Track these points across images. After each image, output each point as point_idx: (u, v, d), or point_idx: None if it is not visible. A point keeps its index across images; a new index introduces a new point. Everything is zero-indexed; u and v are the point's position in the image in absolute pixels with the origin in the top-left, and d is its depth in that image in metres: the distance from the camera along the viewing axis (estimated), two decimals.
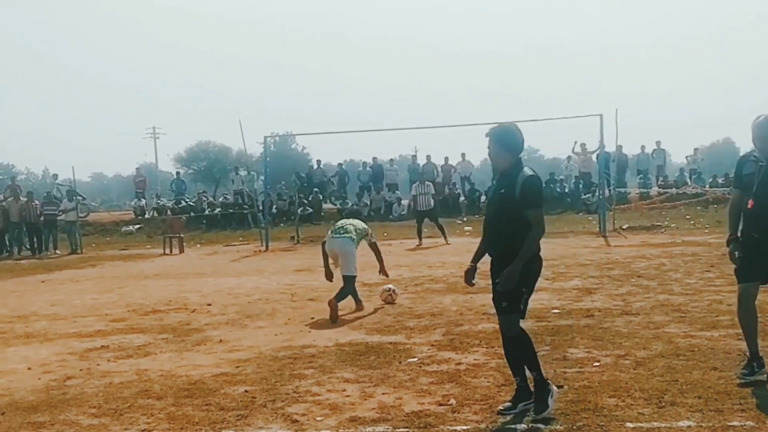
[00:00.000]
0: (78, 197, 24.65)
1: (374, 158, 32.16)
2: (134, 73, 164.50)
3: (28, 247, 23.80)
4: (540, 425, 4.49)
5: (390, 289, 9.94)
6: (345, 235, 9.36)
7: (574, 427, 4.42)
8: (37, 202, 24.00)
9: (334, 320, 8.54)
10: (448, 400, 5.09)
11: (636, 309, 8.32)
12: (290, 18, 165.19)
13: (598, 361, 6.02)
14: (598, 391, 5.11)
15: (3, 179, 44.22)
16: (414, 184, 20.45)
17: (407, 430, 4.54)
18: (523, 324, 7.08)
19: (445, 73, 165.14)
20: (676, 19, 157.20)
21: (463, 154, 31.26)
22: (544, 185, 27.74)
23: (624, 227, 21.07)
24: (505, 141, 4.86)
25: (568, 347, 6.57)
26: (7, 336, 8.72)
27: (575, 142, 29.46)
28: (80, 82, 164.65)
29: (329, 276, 9.52)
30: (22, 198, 24.04)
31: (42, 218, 23.58)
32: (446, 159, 30.56)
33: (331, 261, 9.54)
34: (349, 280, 9.21)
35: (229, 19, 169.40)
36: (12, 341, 8.40)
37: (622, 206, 24.53)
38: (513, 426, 4.52)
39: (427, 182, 20.10)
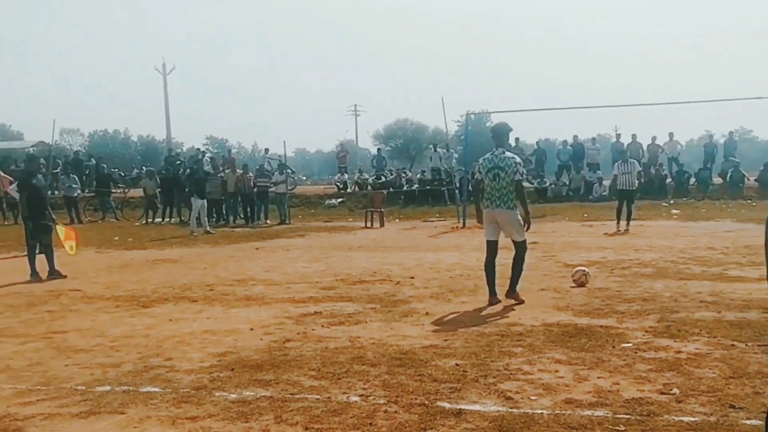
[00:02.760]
0: (288, 170, 25.95)
1: (575, 136, 31.30)
2: (334, 55, 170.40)
3: (242, 216, 25.46)
4: None
5: (584, 270, 9.64)
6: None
7: None
8: (251, 175, 25.57)
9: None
10: (671, 389, 4.83)
11: None
12: None
13: None
14: None
15: (219, 152, 47.40)
16: (617, 163, 19.60)
17: (628, 416, 4.36)
18: (747, 315, 6.70)
19: (649, 46, 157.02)
20: None
21: (671, 134, 29.68)
22: (762, 168, 25.63)
23: None
24: None
25: None
26: (229, 298, 9.36)
27: None
28: (284, 64, 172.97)
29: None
30: (237, 170, 25.72)
31: (255, 189, 25.10)
32: (653, 138, 29.12)
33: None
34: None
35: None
36: (234, 303, 9.00)
37: None
38: (746, 421, 4.20)
39: (631, 160, 19.17)
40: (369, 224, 21.77)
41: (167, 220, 26.35)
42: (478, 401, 4.77)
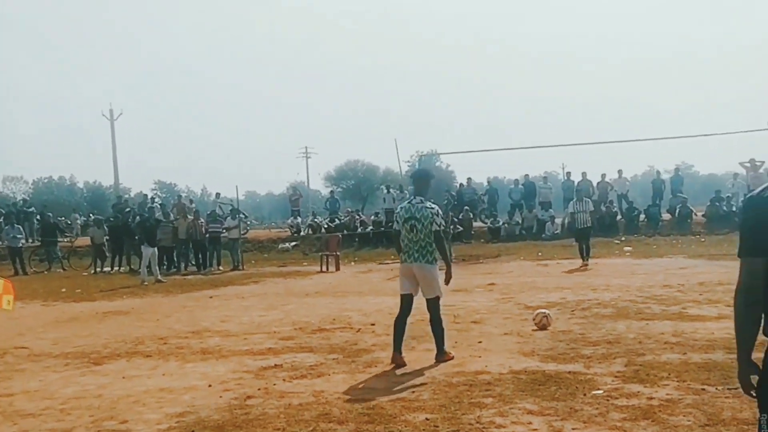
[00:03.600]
0: (240, 215, 25.63)
1: (526, 175, 31.65)
2: (284, 97, 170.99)
3: (193, 263, 24.99)
4: None
5: (545, 313, 9.58)
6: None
7: None
8: (202, 221, 25.17)
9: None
10: None
11: None
12: (432, 27, 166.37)
13: None
14: None
15: (167, 197, 46.78)
16: (571, 202, 19.86)
17: None
18: (712, 356, 6.70)
19: (595, 84, 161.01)
20: None
21: (619, 171, 30.25)
22: (709, 203, 26.34)
23: None
24: None
25: None
26: (185, 352, 9.04)
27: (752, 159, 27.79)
28: (233, 103, 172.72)
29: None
30: (188, 216, 25.31)
31: (207, 236, 24.69)
32: (603, 176, 29.57)
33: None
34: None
35: (373, 33, 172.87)
36: (190, 357, 8.69)
37: None
38: None
39: (585, 199, 19.45)
40: (324, 268, 21.54)
41: (116, 269, 25.72)
42: None
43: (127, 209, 28.86)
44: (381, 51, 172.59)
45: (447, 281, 7.94)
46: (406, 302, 7.95)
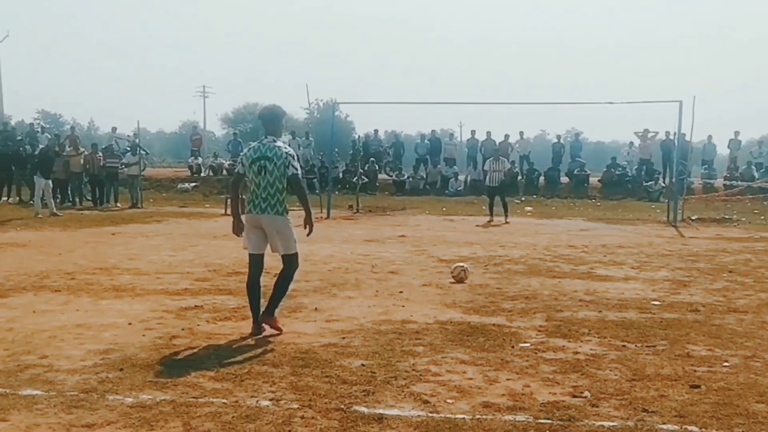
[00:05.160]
0: (142, 152, 24.76)
1: (432, 131, 31.89)
2: (180, 32, 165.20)
3: (89, 198, 24.04)
4: (693, 427, 4.28)
5: (463, 266, 9.74)
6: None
7: None
8: (100, 155, 24.16)
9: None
10: (582, 392, 4.89)
11: (742, 306, 8.02)
12: None
13: (726, 361, 5.76)
14: (742, 395, 4.86)
15: (50, 128, 44.58)
16: (488, 159, 20.20)
17: (549, 421, 4.36)
18: (627, 315, 6.99)
19: (497, 58, 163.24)
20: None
21: (521, 132, 30.89)
22: (605, 169, 27.47)
23: (693, 218, 20.56)
24: None
25: (686, 343, 6.32)
26: (95, 288, 8.73)
27: (646, 130, 28.98)
28: (127, 38, 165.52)
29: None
30: (81, 149, 24.19)
31: (104, 170, 23.76)
32: (506, 136, 30.11)
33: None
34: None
35: None
36: (102, 294, 8.41)
37: (688, 197, 23.98)
38: (662, 426, 4.31)
39: (501, 158, 19.80)
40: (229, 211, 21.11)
41: (4, 199, 24.44)
42: (395, 405, 4.63)
43: (18, 137, 27.36)
44: None
45: (308, 232, 6.70)
46: (255, 262, 6.72)
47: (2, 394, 4.76)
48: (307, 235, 6.69)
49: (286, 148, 6.66)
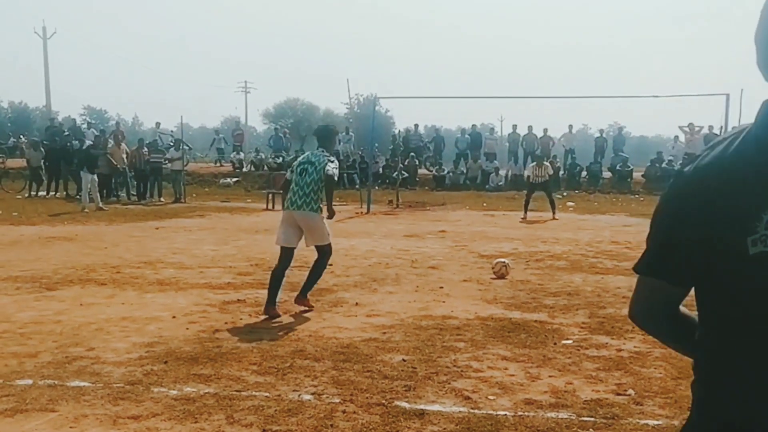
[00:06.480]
0: (185, 147, 25.04)
1: (473, 125, 31.74)
2: (223, 28, 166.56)
3: (134, 193, 24.40)
4: None
5: (504, 262, 9.69)
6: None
7: None
8: (145, 149, 24.51)
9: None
10: (626, 390, 4.84)
11: None
12: None
13: None
14: None
15: (96, 123, 45.33)
16: (531, 165, 19.98)
17: (593, 419, 4.32)
18: None
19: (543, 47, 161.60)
20: None
21: (570, 126, 30.54)
22: (649, 164, 26.89)
23: None
24: None
25: None
26: (140, 282, 8.87)
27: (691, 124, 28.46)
28: (170, 32, 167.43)
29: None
30: (122, 145, 24.54)
31: (148, 165, 24.11)
32: (545, 131, 29.83)
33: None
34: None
35: None
36: (147, 287, 8.53)
37: None
38: None
39: (545, 164, 19.38)
40: (271, 206, 21.30)
41: (52, 193, 24.93)
42: (436, 401, 4.63)
43: (66, 133, 27.88)
44: None
45: (329, 216, 7.34)
46: (285, 255, 7.37)
47: (51, 385, 4.87)
48: (328, 218, 7.37)
49: (329, 157, 7.44)
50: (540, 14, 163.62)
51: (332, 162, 7.34)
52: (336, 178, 7.41)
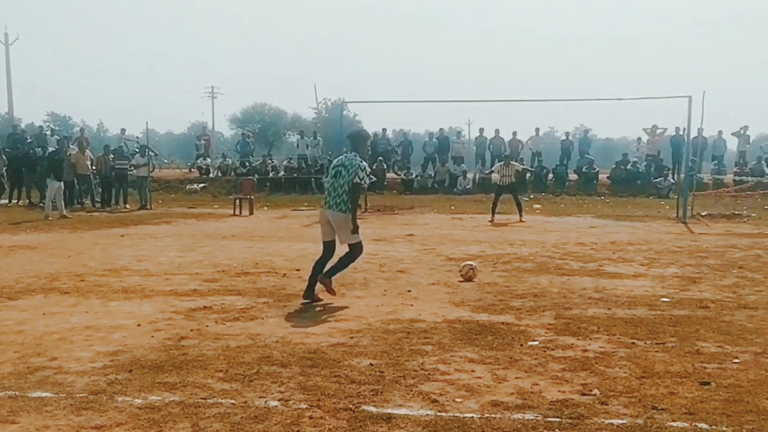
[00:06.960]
0: (151, 153, 24.81)
1: (441, 129, 31.90)
2: (189, 33, 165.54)
3: (98, 200, 24.11)
4: (703, 424, 4.26)
5: (471, 265, 9.73)
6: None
7: (744, 430, 4.18)
8: (111, 156, 24.24)
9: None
10: (591, 390, 4.88)
11: (752, 302, 7.99)
12: None
13: (736, 357, 5.74)
14: (753, 392, 4.84)
15: (60, 130, 44.80)
16: (498, 164, 20.06)
17: (558, 419, 4.34)
18: (636, 312, 6.93)
19: (517, 50, 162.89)
20: None
21: (537, 129, 30.87)
22: (614, 166, 27.32)
23: (702, 214, 20.47)
24: None
25: (696, 340, 6.29)
26: (105, 290, 8.76)
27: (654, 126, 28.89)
28: (134, 40, 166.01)
29: None
30: (86, 151, 24.23)
31: (113, 172, 23.84)
32: (514, 134, 30.06)
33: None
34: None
35: None
36: (111, 295, 8.43)
37: (697, 193, 23.85)
38: (672, 423, 4.29)
39: (512, 163, 19.51)
40: (238, 212, 21.18)
41: (14, 201, 24.55)
42: (404, 404, 4.63)
43: (29, 140, 27.48)
44: None
45: (353, 230, 8.07)
46: (328, 248, 8.27)
47: (12, 396, 4.78)
48: (351, 232, 8.04)
49: (361, 162, 8.02)
50: (507, 17, 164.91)
51: (362, 169, 7.95)
52: (365, 186, 8.23)
